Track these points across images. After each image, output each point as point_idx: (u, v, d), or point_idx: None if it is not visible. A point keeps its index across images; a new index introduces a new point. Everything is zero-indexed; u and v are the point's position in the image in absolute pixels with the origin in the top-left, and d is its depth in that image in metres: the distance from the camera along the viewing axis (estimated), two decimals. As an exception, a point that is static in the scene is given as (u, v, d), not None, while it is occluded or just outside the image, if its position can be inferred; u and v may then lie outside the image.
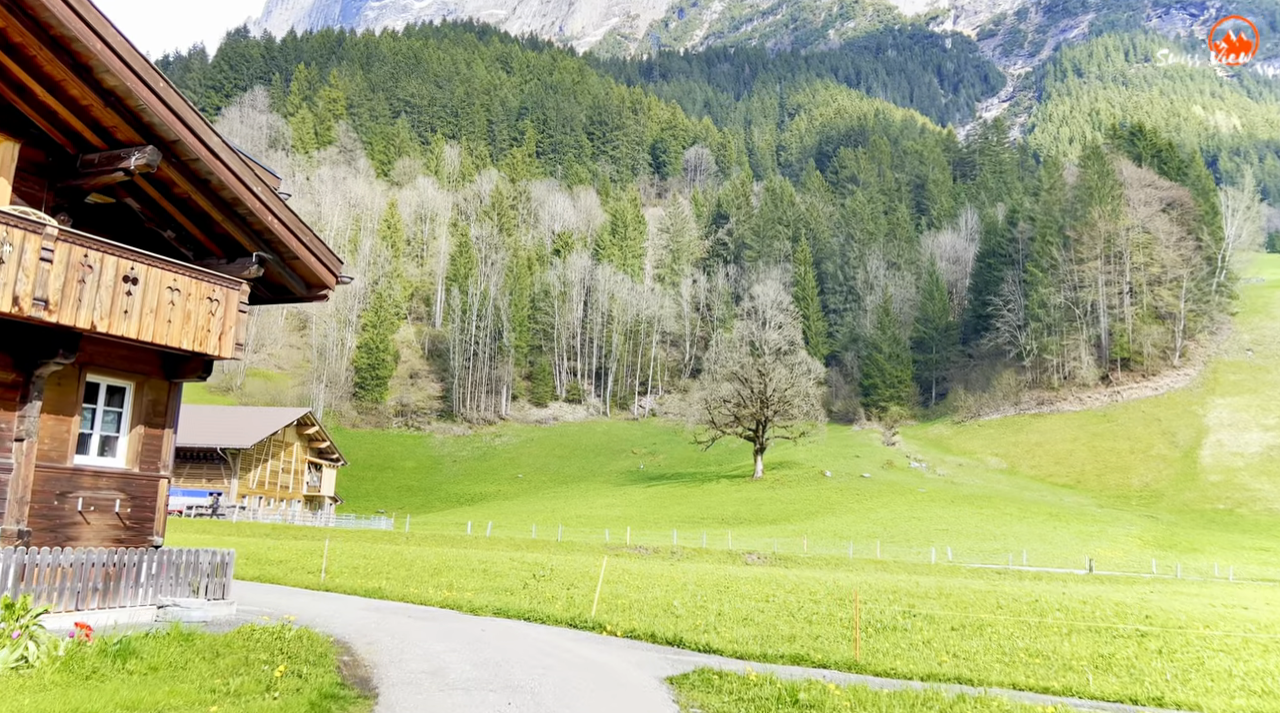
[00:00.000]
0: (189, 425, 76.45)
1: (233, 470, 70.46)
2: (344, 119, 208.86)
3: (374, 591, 15.60)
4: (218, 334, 11.15)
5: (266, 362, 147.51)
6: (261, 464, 73.55)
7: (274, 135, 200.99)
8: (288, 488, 77.57)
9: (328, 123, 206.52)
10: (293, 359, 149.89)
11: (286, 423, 76.01)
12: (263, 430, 72.77)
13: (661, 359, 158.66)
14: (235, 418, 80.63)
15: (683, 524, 72.32)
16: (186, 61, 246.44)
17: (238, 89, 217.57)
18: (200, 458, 70.93)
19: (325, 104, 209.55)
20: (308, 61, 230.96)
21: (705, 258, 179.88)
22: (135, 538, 11.21)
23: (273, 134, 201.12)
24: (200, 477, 71.06)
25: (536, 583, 19.77)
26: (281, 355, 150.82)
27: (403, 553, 29.83)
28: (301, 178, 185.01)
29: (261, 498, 73.16)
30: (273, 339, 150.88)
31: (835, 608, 16.78)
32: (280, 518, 70.15)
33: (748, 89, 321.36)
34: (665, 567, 29.91)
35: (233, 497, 69.72)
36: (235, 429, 73.34)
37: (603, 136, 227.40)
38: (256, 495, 72.76)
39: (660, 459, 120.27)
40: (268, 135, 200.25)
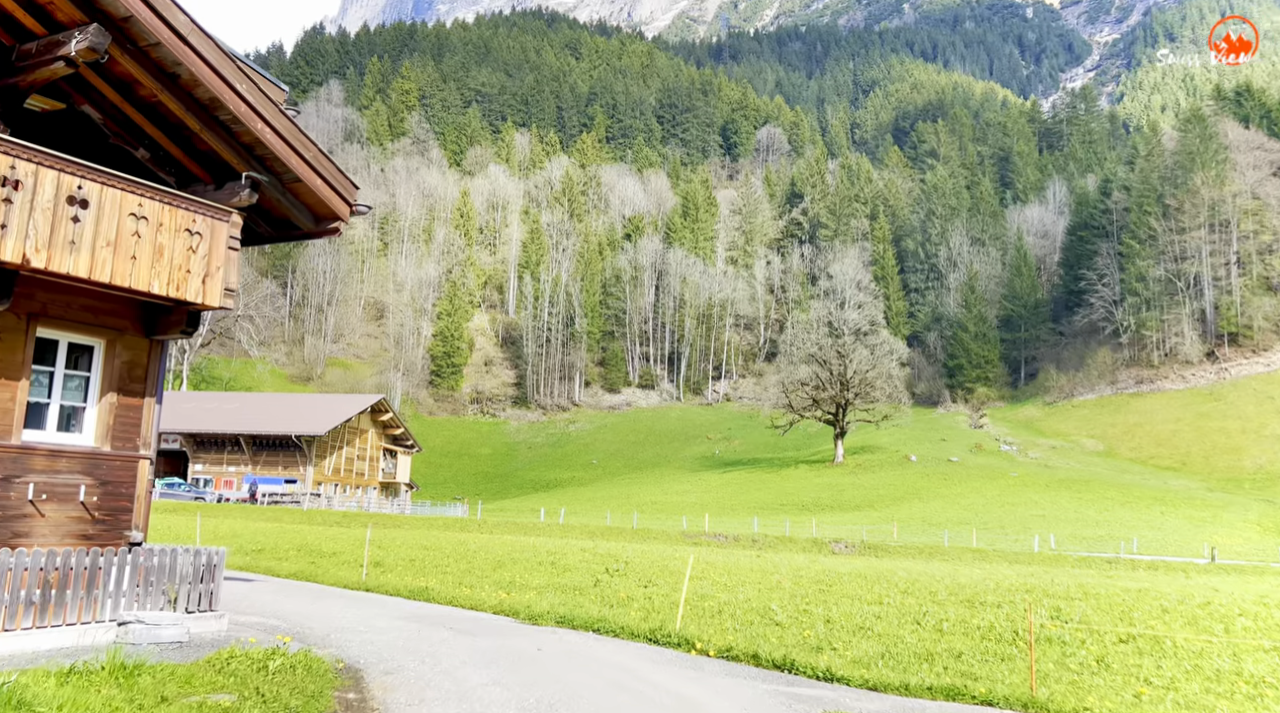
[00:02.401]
0: (264, 413, 76.64)
1: (308, 458, 70.12)
2: (416, 110, 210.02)
3: (419, 591, 13.41)
4: (200, 276, 8.88)
5: (345, 351, 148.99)
6: (336, 451, 73.15)
7: (349, 129, 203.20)
8: (363, 475, 77.17)
9: (401, 114, 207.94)
10: (371, 348, 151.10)
11: (360, 410, 75.50)
12: (337, 417, 72.29)
13: (735, 343, 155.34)
14: (310, 405, 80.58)
15: (762, 511, 69.56)
16: (265, 59, 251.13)
17: (314, 84, 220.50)
18: (276, 446, 70.83)
19: (398, 96, 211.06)
20: (381, 55, 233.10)
21: (779, 238, 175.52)
22: (106, 533, 9.08)
23: (348, 127, 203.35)
24: (276, 464, 70.97)
25: (609, 579, 17.39)
26: (360, 345, 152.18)
27: (468, 543, 27.85)
28: (376, 169, 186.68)
29: (337, 485, 72.79)
30: (350, 328, 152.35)
31: (965, 612, 14.00)
32: (355, 505, 69.55)
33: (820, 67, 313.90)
34: (750, 558, 27.32)
35: (308, 484, 69.39)
36: (310, 416, 73.08)
37: (672, 119, 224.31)
38: (332, 483, 72.41)
39: (736, 445, 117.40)
40: (343, 129, 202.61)
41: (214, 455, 72.53)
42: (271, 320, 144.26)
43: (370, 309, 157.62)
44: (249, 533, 27.95)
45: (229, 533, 27.07)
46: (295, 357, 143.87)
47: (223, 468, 72.08)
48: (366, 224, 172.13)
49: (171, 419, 74.88)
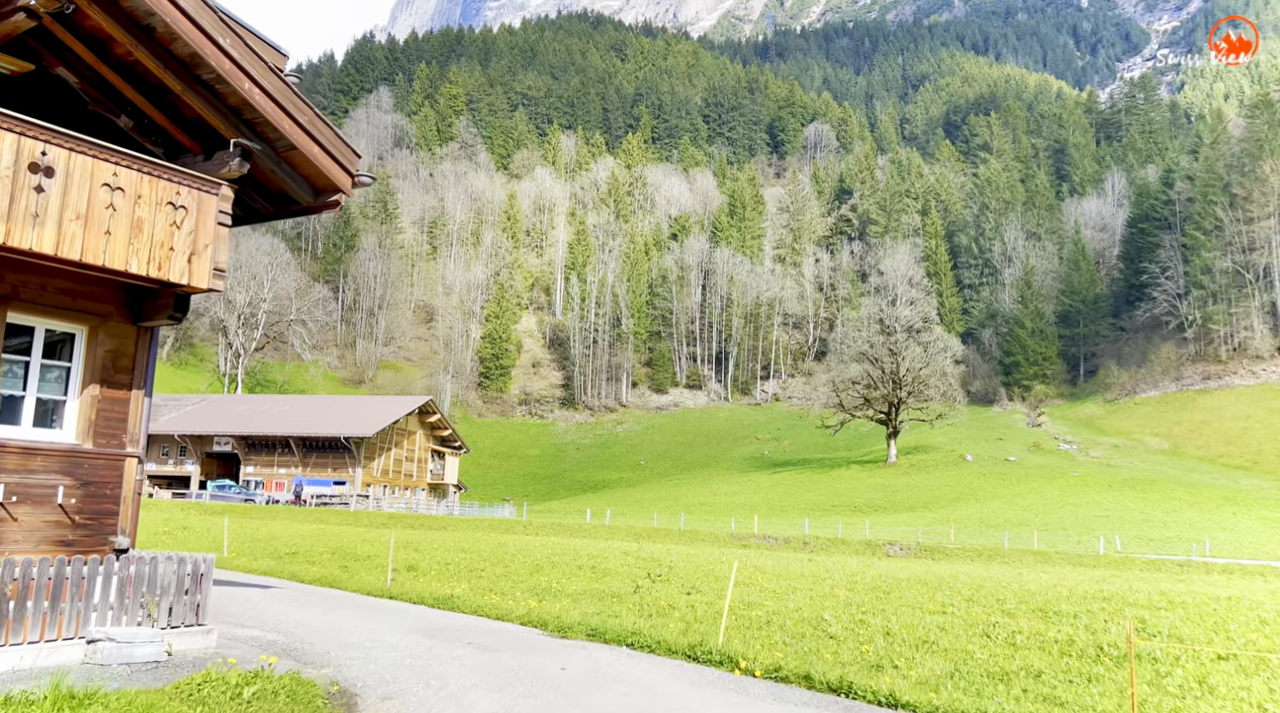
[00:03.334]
0: (314, 415, 77.06)
1: (357, 459, 70.26)
2: (464, 115, 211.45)
3: (444, 599, 12.55)
4: (186, 254, 8.02)
5: (396, 354, 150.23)
6: (385, 453, 73.24)
7: (399, 134, 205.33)
8: (411, 476, 77.21)
9: (449, 119, 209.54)
10: (421, 351, 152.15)
11: (408, 411, 75.56)
12: (385, 419, 72.38)
13: (784, 342, 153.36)
14: (359, 407, 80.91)
15: (813, 512, 68.05)
16: (317, 68, 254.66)
17: (364, 91, 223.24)
18: (325, 447, 71.11)
19: (446, 101, 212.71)
20: (429, 60, 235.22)
21: (827, 236, 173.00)
22: (89, 539, 8.21)
23: (397, 133, 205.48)
24: (326, 466, 71.24)
25: (651, 585, 16.40)
26: (410, 348, 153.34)
27: (508, 545, 27.07)
28: (425, 174, 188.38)
29: (385, 487, 72.86)
30: (401, 332, 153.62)
31: (1039, 624, 12.75)
32: (404, 506, 69.51)
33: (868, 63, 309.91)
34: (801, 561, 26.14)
35: (357, 485, 69.52)
36: (358, 418, 73.29)
37: (718, 118, 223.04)
38: (381, 484, 72.50)
39: (785, 445, 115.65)
40: (393, 134, 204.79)
41: (265, 458, 73.07)
42: (324, 324, 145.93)
43: (420, 312, 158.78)
44: (287, 536, 27.50)
45: (266, 536, 26.64)
46: (347, 360, 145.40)
47: (273, 470, 72.58)
48: (416, 228, 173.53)
49: (224, 422, 75.72)
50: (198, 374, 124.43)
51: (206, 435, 74.02)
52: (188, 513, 45.91)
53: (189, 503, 55.65)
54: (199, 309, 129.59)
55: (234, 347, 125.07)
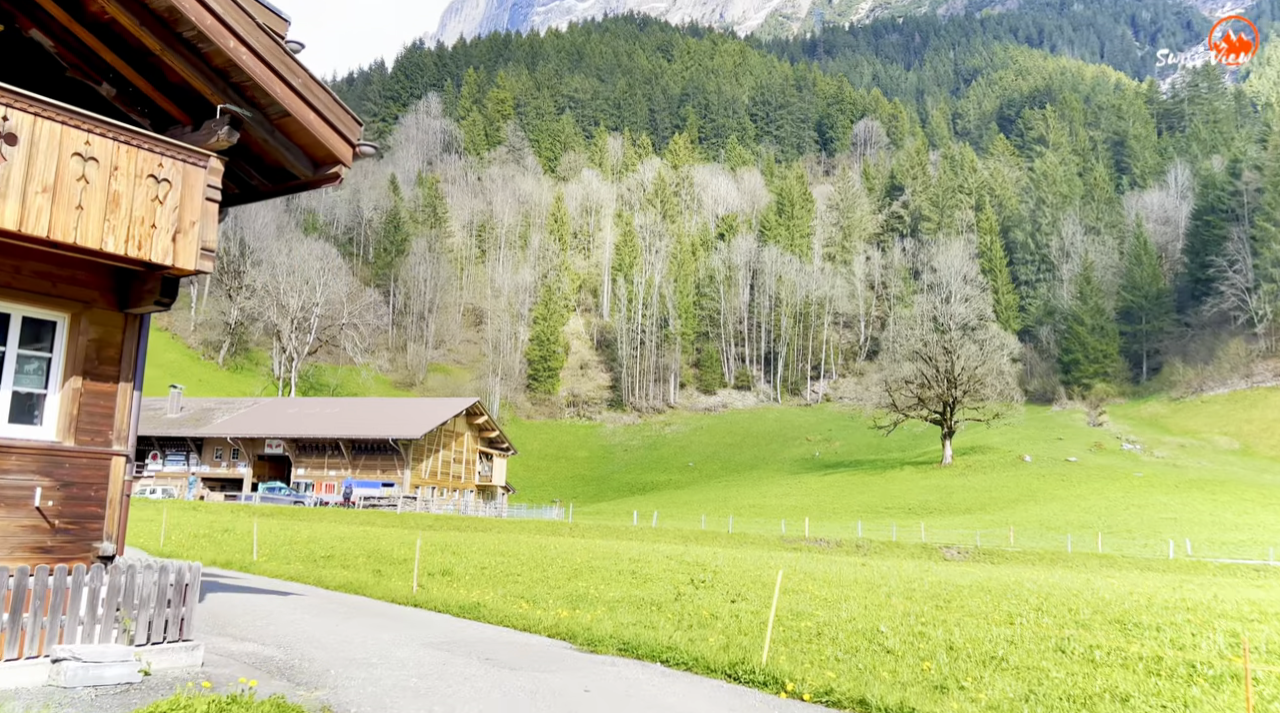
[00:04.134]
0: (363, 417, 77.40)
1: (405, 461, 70.34)
2: (511, 119, 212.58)
3: (470, 608, 11.80)
4: (169, 232, 7.29)
5: (446, 357, 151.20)
6: (433, 454, 73.26)
7: (447, 139, 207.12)
8: (459, 478, 77.17)
9: (497, 123, 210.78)
10: (470, 354, 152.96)
11: (455, 413, 75.53)
12: (433, 421, 72.38)
13: (834, 341, 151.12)
14: (407, 409, 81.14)
15: (866, 515, 66.48)
16: (368, 75, 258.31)
17: (413, 98, 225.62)
18: (374, 449, 71.31)
19: (494, 105, 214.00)
20: (477, 66, 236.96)
21: (878, 233, 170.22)
22: (70, 545, 7.53)
23: (446, 138, 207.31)
24: (375, 468, 71.42)
25: (693, 592, 15.51)
26: (460, 350, 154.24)
27: (549, 548, 26.35)
28: (473, 178, 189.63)
29: (434, 488, 72.87)
30: (450, 335, 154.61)
31: (1119, 637, 11.61)
32: (453, 508, 69.42)
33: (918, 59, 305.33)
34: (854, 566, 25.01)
35: (406, 487, 69.57)
36: (407, 420, 73.40)
37: (766, 117, 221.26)
38: (429, 486, 72.51)
39: (837, 446, 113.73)
40: (442, 140, 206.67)
41: (315, 460, 73.53)
42: (375, 328, 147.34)
43: (469, 316, 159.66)
44: (327, 538, 27.11)
45: (306, 539, 26.26)
46: (398, 363, 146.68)
47: (323, 472, 73.00)
48: (465, 232, 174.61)
49: (275, 425, 76.40)
50: (252, 378, 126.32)
51: (258, 438, 74.73)
52: (236, 515, 46.11)
53: (238, 505, 56.06)
54: (253, 313, 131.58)
55: (287, 351, 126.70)
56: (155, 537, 24.31)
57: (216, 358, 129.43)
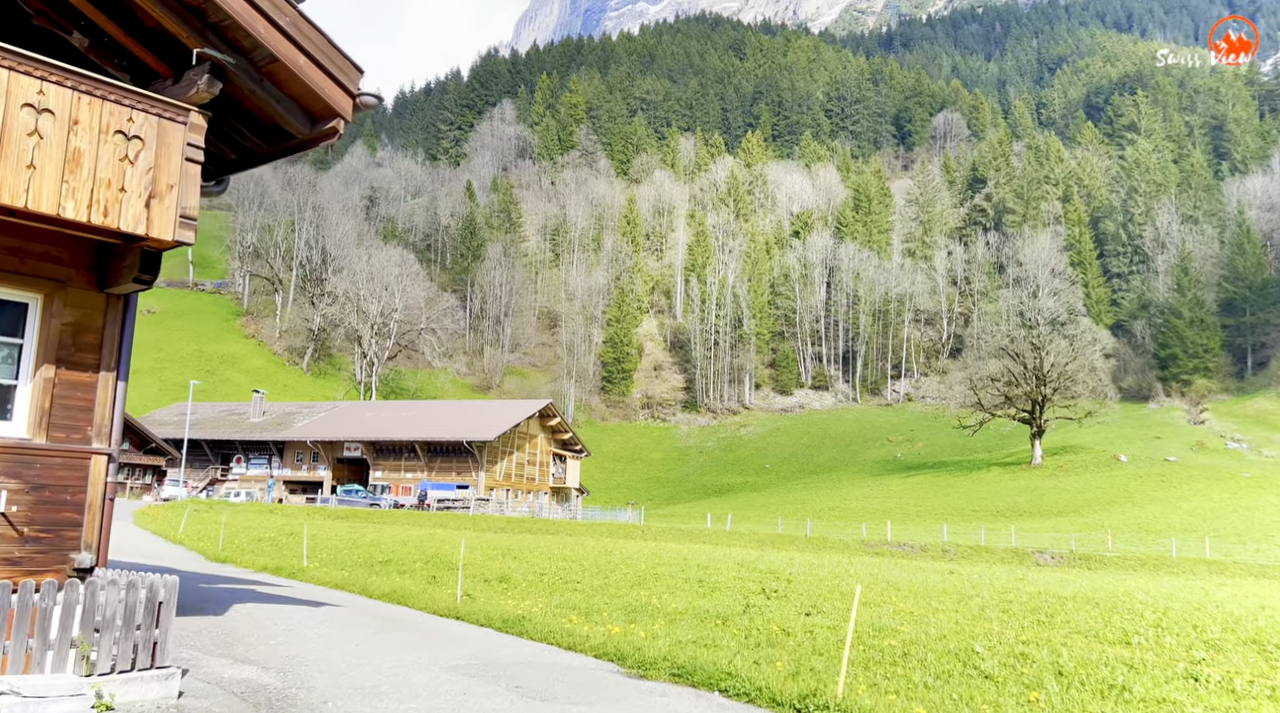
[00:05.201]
0: (439, 420, 77.75)
1: (479, 463, 70.35)
2: (584, 122, 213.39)
3: (514, 621, 10.78)
4: (142, 197, 6.42)
5: (521, 360, 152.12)
6: (507, 456, 73.17)
7: (521, 145, 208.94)
8: (534, 480, 76.95)
9: (569, 128, 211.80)
10: (545, 357, 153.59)
11: (528, 414, 75.32)
12: (506, 423, 72.29)
13: (915, 339, 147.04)
14: (481, 411, 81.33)
15: (951, 518, 63.92)
16: (444, 85, 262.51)
17: (488, 105, 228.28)
18: (449, 451, 71.51)
19: (566, 110, 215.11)
20: (550, 71, 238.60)
21: (960, 227, 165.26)
22: (41, 556, 6.72)
23: (520, 144, 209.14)
24: (450, 470, 71.60)
25: (764, 604, 14.25)
26: (535, 353, 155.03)
27: (614, 553, 25.33)
28: (547, 183, 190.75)
29: (509, 490, 72.76)
30: (526, 338, 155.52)
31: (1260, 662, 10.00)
32: (526, 511, 69.19)
33: (999, 49, 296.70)
34: (941, 573, 23.34)
35: (480, 489, 69.56)
36: (481, 422, 73.46)
37: (841, 112, 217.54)
38: (504, 488, 72.44)
39: (919, 447, 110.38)
40: (516, 146, 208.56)
41: (392, 462, 74.12)
42: (452, 332, 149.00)
43: (544, 319, 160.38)
44: (390, 542, 26.60)
45: (369, 542, 25.79)
46: (475, 367, 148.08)
47: (400, 474, 73.51)
48: (539, 236, 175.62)
49: (353, 428, 77.34)
50: (335, 383, 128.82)
51: (337, 441, 75.70)
52: (311, 518, 46.38)
53: (314, 508, 56.60)
54: (335, 320, 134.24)
55: (368, 356, 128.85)
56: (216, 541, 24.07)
57: (301, 364, 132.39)
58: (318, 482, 76.53)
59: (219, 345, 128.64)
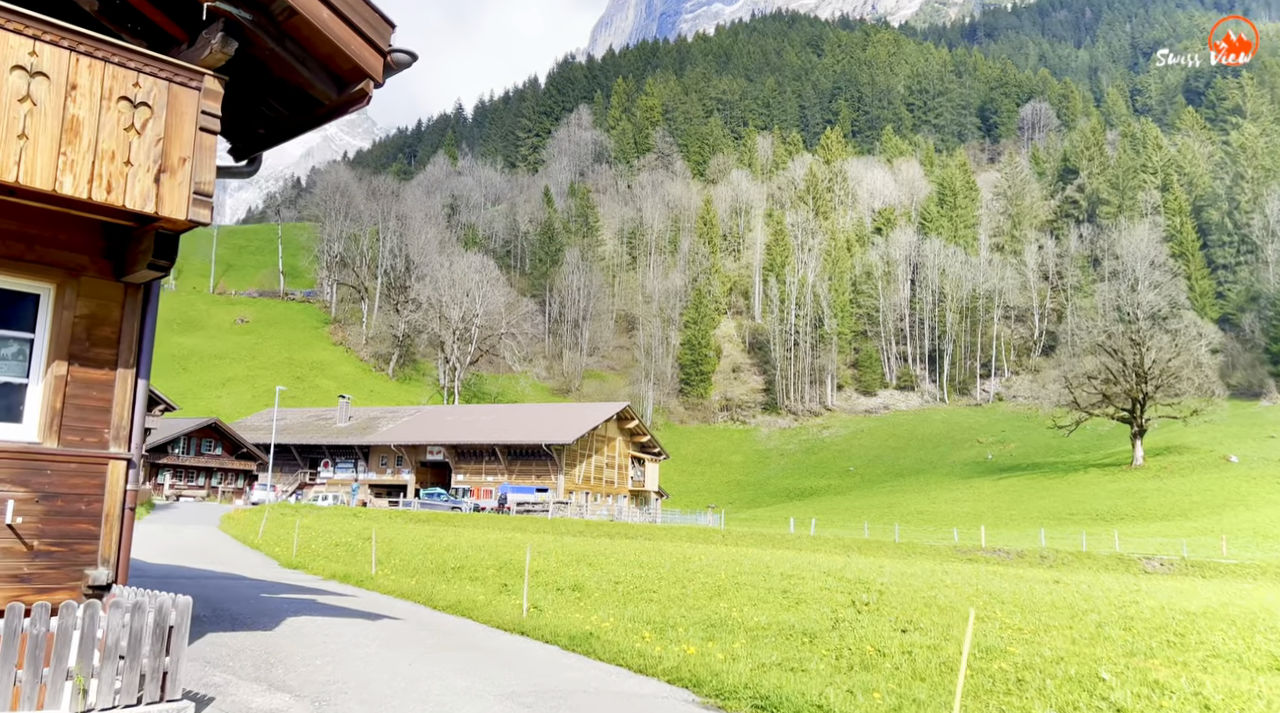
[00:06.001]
0: (518, 423, 77.96)
1: (559, 466, 70.22)
2: (660, 125, 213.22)
3: (581, 638, 9.98)
4: (150, 171, 5.75)
5: (600, 364, 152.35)
6: (585, 459, 72.91)
7: (598, 149, 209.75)
8: (612, 483, 76.55)
9: (645, 131, 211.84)
10: (623, 360, 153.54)
11: (606, 417, 74.94)
12: (584, 426, 72.04)
13: (1005, 337, 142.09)
14: (559, 414, 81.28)
15: (1048, 522, 61.04)
16: (522, 92, 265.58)
17: (565, 111, 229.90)
18: (529, 455, 71.58)
19: (642, 113, 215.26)
20: (625, 75, 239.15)
21: (1051, 220, 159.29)
22: (53, 572, 6.11)
23: (597, 148, 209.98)
24: (530, 473, 71.66)
25: (854, 618, 13.15)
26: (613, 356, 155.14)
27: (693, 560, 24.39)
28: (623, 186, 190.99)
29: (587, 493, 72.46)
30: (604, 341, 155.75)
31: None
32: (606, 514, 68.69)
33: (1090, 35, 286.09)
34: (1045, 583, 21.74)
35: (560, 492, 69.42)
36: (559, 425, 73.36)
37: (923, 105, 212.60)
38: (583, 491, 72.17)
39: (1011, 448, 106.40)
40: (592, 150, 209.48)
41: (473, 466, 74.56)
42: (532, 337, 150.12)
43: (621, 322, 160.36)
44: (468, 546, 26.18)
45: (445, 547, 25.41)
46: (555, 370, 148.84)
47: (481, 478, 73.88)
48: (616, 240, 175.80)
49: (436, 432, 78.12)
50: (419, 388, 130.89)
51: (420, 445, 76.51)
52: (392, 521, 46.66)
53: (396, 511, 57.07)
54: (418, 326, 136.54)
55: (450, 361, 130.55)
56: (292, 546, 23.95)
57: (387, 370, 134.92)
58: (402, 485, 77.51)
59: (308, 353, 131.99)
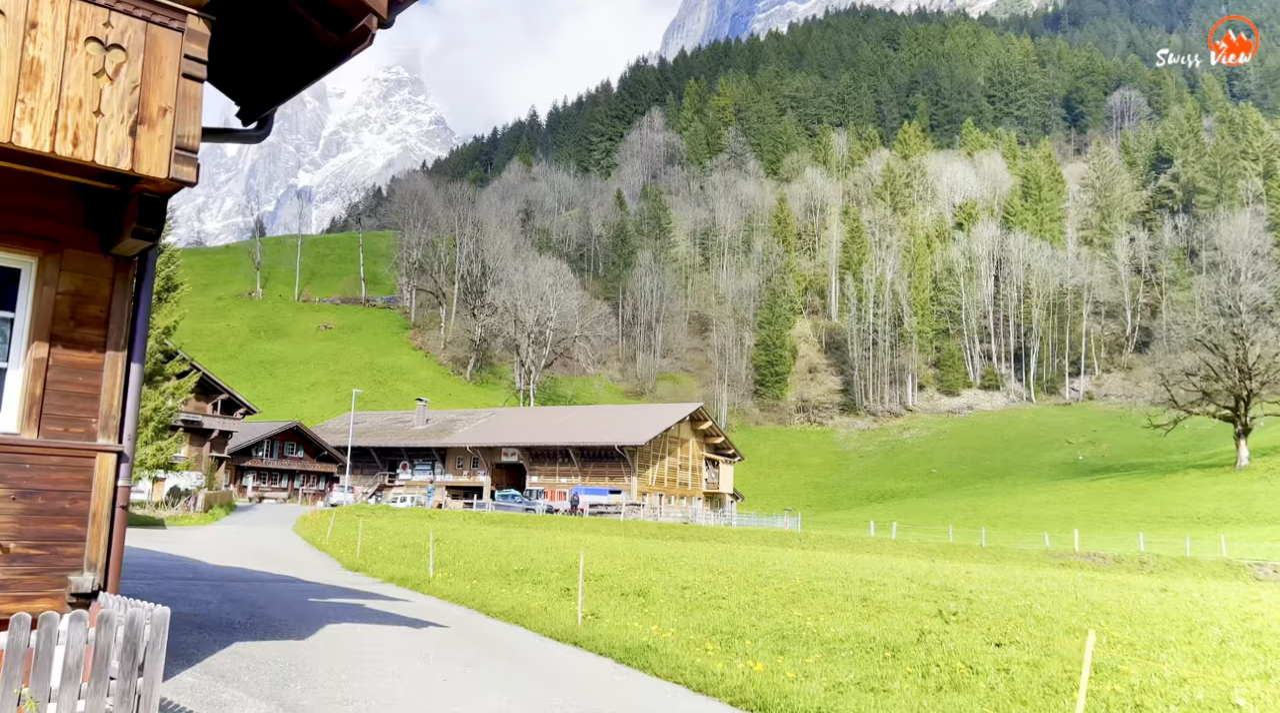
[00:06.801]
0: (591, 425, 77.63)
1: (631, 468, 69.57)
2: (732, 125, 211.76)
3: (638, 651, 9.11)
4: (126, 122, 5.06)
5: (673, 365, 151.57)
6: (658, 461, 72.13)
7: (670, 151, 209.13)
8: (686, 485, 75.59)
9: (718, 131, 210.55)
10: (697, 361, 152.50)
11: (679, 418, 74.03)
12: (657, 427, 71.25)
13: (1095, 333, 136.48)
14: (632, 416, 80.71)
15: (1145, 525, 57.89)
16: (595, 97, 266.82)
17: (637, 114, 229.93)
18: (602, 457, 71.12)
19: (714, 113, 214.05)
20: (697, 76, 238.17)
21: (1143, 211, 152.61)
22: (33, 578, 5.47)
23: (669, 150, 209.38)
24: (603, 475, 71.18)
25: (942, 629, 12.01)
26: (687, 358, 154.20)
27: (767, 564, 23.32)
28: (696, 187, 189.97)
29: (661, 495, 71.66)
30: (677, 343, 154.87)
31: None
32: (680, 516, 67.75)
33: (1183, 19, 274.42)
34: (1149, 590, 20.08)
35: (633, 494, 68.77)
36: (632, 427, 72.75)
37: (1005, 97, 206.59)
38: (656, 493, 71.39)
39: (1103, 448, 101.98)
40: (665, 153, 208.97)
41: (547, 467, 74.45)
42: (605, 339, 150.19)
43: (695, 323, 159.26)
44: (533, 549, 25.60)
45: (511, 549, 24.87)
46: (628, 373, 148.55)
47: (555, 479, 73.70)
48: (688, 241, 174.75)
49: (510, 434, 78.27)
50: (496, 391, 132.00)
51: (495, 447, 76.74)
52: (466, 523, 46.58)
53: (470, 513, 57.12)
54: (494, 330, 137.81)
55: (525, 364, 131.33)
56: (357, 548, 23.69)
57: (464, 373, 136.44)
58: (478, 487, 77.87)
59: (389, 357, 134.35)
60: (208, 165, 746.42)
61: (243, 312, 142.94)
